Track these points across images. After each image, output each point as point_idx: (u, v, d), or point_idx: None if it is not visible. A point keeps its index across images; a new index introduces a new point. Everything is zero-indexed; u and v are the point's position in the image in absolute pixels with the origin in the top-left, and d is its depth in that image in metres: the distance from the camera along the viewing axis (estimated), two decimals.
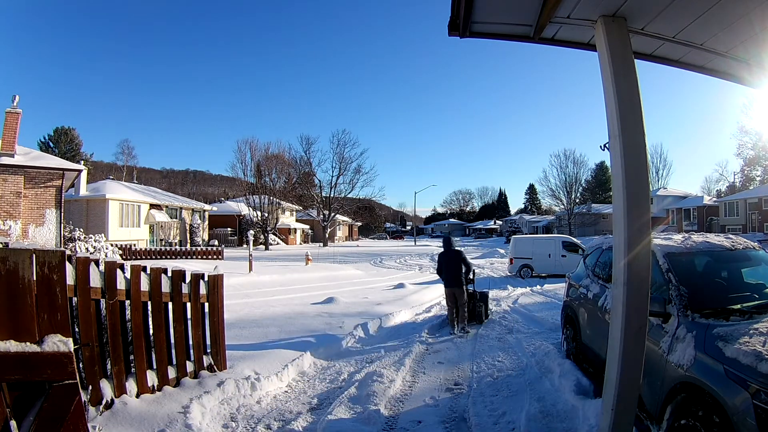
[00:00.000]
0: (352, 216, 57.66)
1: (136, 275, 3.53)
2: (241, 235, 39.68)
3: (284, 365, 4.78)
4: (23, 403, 1.82)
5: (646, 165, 2.46)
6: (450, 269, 7.32)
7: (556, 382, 4.30)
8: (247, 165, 43.54)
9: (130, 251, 22.17)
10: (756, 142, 47.35)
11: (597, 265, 4.82)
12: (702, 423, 2.32)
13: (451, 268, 7.32)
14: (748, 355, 2.23)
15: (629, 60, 2.48)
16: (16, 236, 13.72)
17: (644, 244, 2.39)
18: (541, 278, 16.58)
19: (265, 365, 4.67)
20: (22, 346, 1.81)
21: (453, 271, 7.28)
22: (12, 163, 14.14)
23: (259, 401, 4.02)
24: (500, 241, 49.42)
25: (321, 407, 3.92)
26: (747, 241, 3.82)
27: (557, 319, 6.37)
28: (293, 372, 4.81)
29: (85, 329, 3.07)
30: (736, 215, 37.88)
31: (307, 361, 5.20)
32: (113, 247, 17.66)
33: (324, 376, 4.88)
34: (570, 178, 51.36)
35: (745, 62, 2.78)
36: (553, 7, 2.38)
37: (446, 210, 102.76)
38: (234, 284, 12.34)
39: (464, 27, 2.64)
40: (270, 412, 3.82)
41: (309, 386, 4.55)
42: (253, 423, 3.56)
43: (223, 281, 4.52)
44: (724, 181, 55.09)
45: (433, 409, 3.92)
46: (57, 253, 1.96)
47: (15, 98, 15.08)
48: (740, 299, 3.07)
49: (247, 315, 7.71)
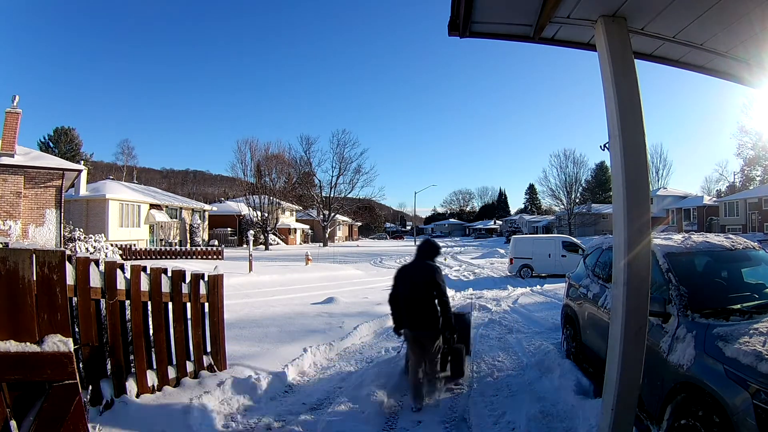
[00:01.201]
0: (352, 216, 57.66)
1: (136, 275, 3.53)
2: (241, 235, 39.68)
3: (284, 365, 4.78)
4: (23, 403, 1.82)
5: (646, 165, 2.46)
6: (414, 298, 4.00)
7: (556, 382, 4.30)
8: (247, 165, 43.60)
9: (130, 251, 22.17)
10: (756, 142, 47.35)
11: (597, 265, 4.82)
12: (702, 423, 2.32)
13: (416, 295, 3.99)
14: (748, 355, 2.23)
15: (629, 60, 2.48)
16: (16, 236, 13.72)
17: (644, 244, 2.39)
18: (541, 278, 16.57)
19: (265, 365, 4.67)
20: (22, 346, 1.81)
21: (419, 300, 3.98)
22: (12, 163, 14.14)
23: (258, 401, 4.01)
24: (500, 241, 49.36)
25: (321, 407, 3.92)
26: (747, 241, 3.82)
27: (557, 319, 6.37)
28: (293, 372, 4.81)
29: (85, 329, 3.07)
30: (736, 215, 37.87)
31: (307, 361, 5.20)
32: (113, 247, 17.65)
33: (324, 376, 4.88)
34: (570, 178, 51.36)
35: (745, 62, 2.78)
36: (553, 7, 2.38)
37: (446, 210, 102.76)
38: (234, 284, 12.34)
39: (464, 27, 2.64)
40: (270, 412, 3.82)
41: (309, 386, 4.55)
42: (253, 423, 3.56)
43: (223, 281, 4.52)
44: (724, 181, 55.15)
45: (434, 408, 3.92)
46: (57, 253, 1.96)
47: (15, 98, 15.08)
48: (740, 299, 3.07)
49: (247, 315, 7.71)
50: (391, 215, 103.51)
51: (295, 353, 5.23)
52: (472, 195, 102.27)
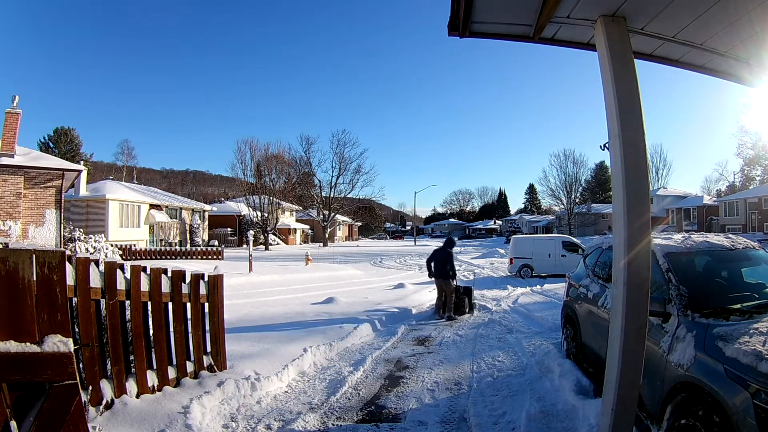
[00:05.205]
0: (352, 216, 57.66)
1: (136, 275, 3.53)
2: (241, 236, 39.68)
3: (284, 365, 4.78)
4: (23, 404, 1.82)
5: (646, 165, 2.46)
6: (438, 264, 8.95)
7: (556, 381, 4.30)
8: (246, 165, 43.62)
9: (130, 251, 22.17)
10: (756, 142, 47.37)
11: (597, 264, 4.82)
12: (702, 423, 2.32)
13: (440, 262, 8.94)
14: (748, 355, 2.23)
15: (629, 60, 2.48)
16: (16, 236, 13.72)
17: (644, 244, 2.39)
18: (541, 278, 16.56)
19: (265, 365, 4.67)
20: (22, 347, 1.81)
21: (441, 265, 8.90)
22: (12, 163, 14.14)
23: (259, 401, 4.02)
24: (500, 241, 49.36)
25: (321, 407, 3.92)
26: (747, 241, 3.82)
27: (557, 318, 6.37)
28: (293, 372, 4.81)
29: (85, 329, 3.06)
30: (736, 215, 37.88)
31: (307, 361, 5.20)
32: (113, 248, 17.65)
33: (324, 376, 4.87)
34: (570, 177, 51.42)
35: (745, 62, 2.78)
36: (553, 6, 2.38)
37: (446, 210, 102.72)
38: (234, 284, 12.34)
39: (464, 27, 2.64)
40: (270, 412, 3.82)
41: (309, 386, 4.55)
42: (253, 423, 3.55)
43: (223, 281, 4.52)
44: (724, 180, 55.16)
45: (434, 408, 3.92)
46: (57, 253, 1.96)
47: (15, 98, 15.09)
48: (740, 299, 3.07)
49: (247, 315, 7.71)
50: (391, 215, 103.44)
51: (295, 353, 5.23)
52: (472, 195, 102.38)
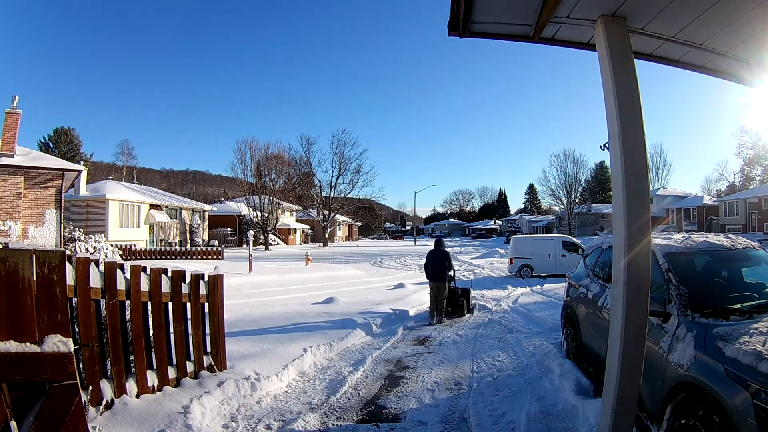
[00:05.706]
0: (352, 216, 57.66)
1: (136, 275, 3.53)
2: (241, 236, 39.67)
3: (284, 365, 4.78)
4: (23, 404, 1.82)
5: (646, 165, 2.46)
6: (436, 265, 8.43)
7: (556, 381, 4.30)
8: (246, 165, 43.61)
9: (130, 251, 22.15)
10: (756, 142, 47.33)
11: (597, 264, 4.81)
12: (702, 423, 2.32)
13: (437, 264, 8.43)
14: (748, 355, 2.23)
15: (629, 60, 2.48)
16: (16, 237, 13.71)
17: (644, 244, 2.39)
18: (541, 278, 16.56)
19: (265, 365, 4.67)
20: (22, 347, 1.81)
21: (438, 267, 8.40)
22: (12, 163, 14.13)
23: (259, 401, 4.02)
24: (500, 241, 49.34)
25: (321, 407, 3.92)
26: (747, 241, 3.82)
27: (557, 318, 6.37)
28: (293, 372, 4.81)
29: (85, 329, 3.06)
30: (736, 215, 37.87)
31: (307, 361, 5.20)
32: (113, 248, 17.64)
33: (324, 376, 4.87)
34: (570, 177, 51.42)
35: (745, 61, 2.78)
36: (553, 7, 2.38)
37: (446, 210, 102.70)
38: (234, 284, 12.34)
39: (464, 27, 2.64)
40: (270, 412, 3.82)
41: (309, 386, 4.55)
42: (253, 423, 3.56)
43: (223, 281, 4.52)
44: (724, 180, 55.11)
45: (434, 408, 3.92)
46: (57, 253, 1.96)
47: (15, 98, 15.08)
48: (740, 299, 3.07)
49: (247, 315, 7.71)
50: (391, 215, 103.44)
51: (295, 353, 5.23)
52: (472, 195, 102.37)
